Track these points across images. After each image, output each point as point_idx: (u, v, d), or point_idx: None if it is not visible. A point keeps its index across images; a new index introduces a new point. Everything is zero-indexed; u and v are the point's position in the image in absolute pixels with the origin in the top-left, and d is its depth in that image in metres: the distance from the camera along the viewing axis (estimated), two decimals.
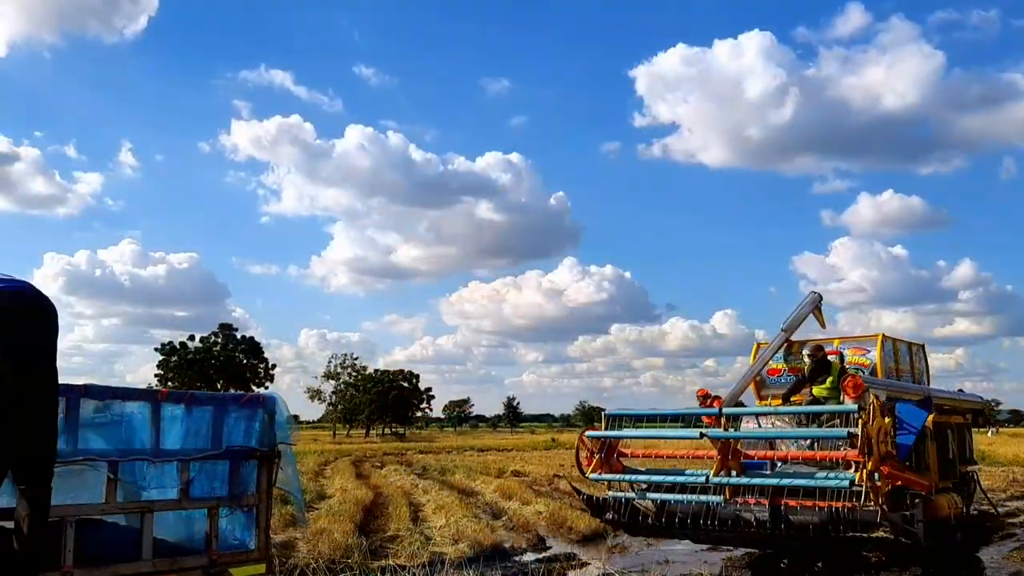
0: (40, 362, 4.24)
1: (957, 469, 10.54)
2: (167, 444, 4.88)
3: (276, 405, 5.42)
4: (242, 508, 5.18)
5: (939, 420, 10.12)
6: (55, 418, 4.24)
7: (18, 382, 4.09)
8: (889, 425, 8.45)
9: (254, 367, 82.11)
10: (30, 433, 4.09)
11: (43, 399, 4.19)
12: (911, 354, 11.88)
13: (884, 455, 8.23)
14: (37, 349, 4.25)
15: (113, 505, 4.56)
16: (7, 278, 4.36)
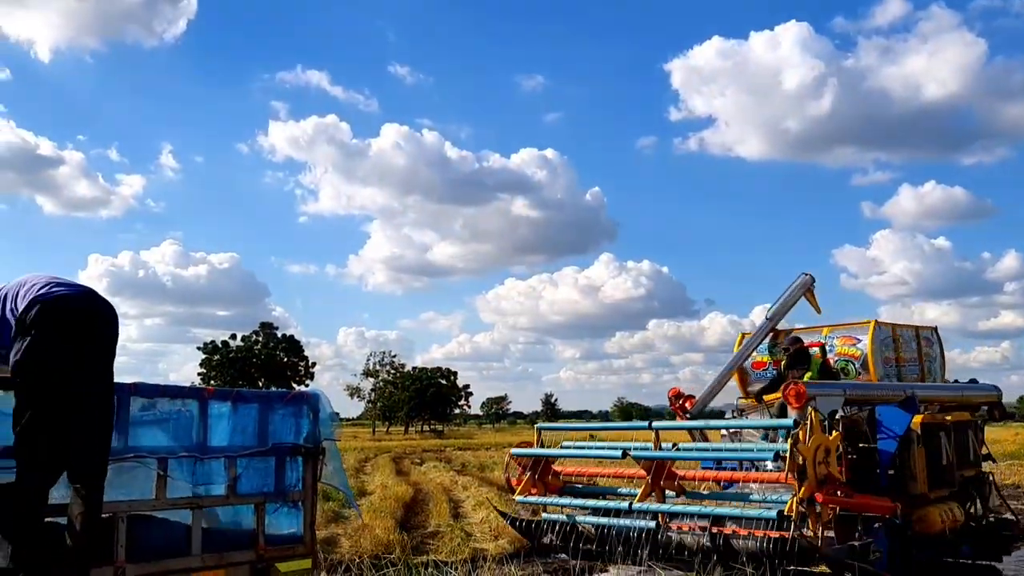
0: (101, 365, 4.33)
1: (955, 475, 9.13)
2: (214, 441, 4.95)
3: (320, 402, 5.50)
4: (288, 504, 5.26)
5: (930, 421, 8.96)
6: (112, 419, 4.33)
7: (82, 384, 4.19)
8: (835, 441, 7.58)
9: (294, 365, 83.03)
10: (89, 434, 4.19)
11: (103, 401, 4.29)
12: (918, 340, 10.81)
13: (823, 478, 7.36)
14: (101, 352, 4.35)
15: (163, 501, 4.65)
16: (68, 282, 4.46)
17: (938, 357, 10.95)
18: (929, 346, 10.91)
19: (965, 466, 9.36)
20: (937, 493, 8.75)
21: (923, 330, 10.98)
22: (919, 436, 8.55)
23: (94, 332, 4.32)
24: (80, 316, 4.27)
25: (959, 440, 9.25)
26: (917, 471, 8.47)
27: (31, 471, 3.99)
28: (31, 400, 4.02)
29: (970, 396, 10.62)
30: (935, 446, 8.82)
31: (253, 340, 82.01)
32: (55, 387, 4.08)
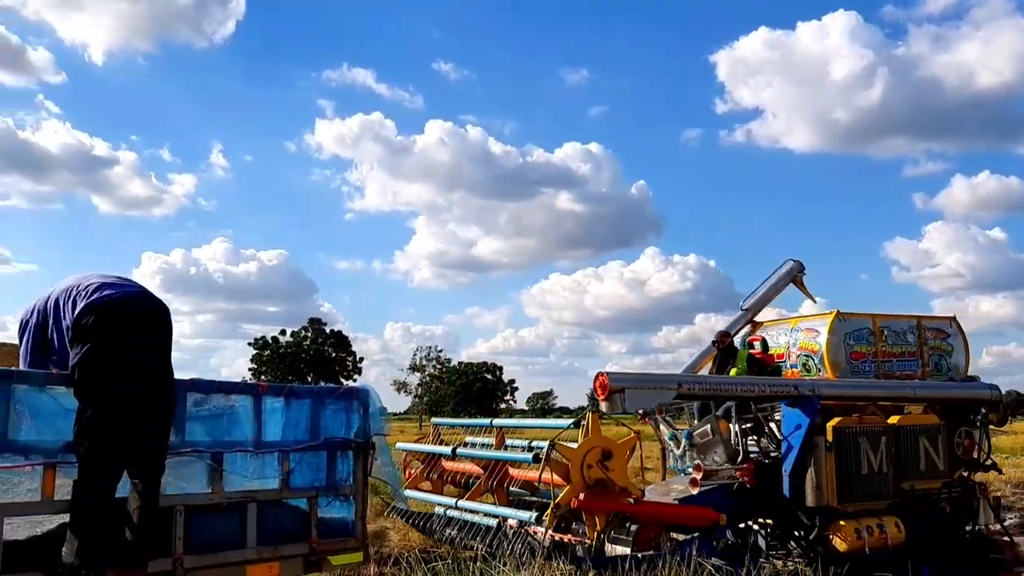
0: (157, 363, 4.43)
1: (892, 486, 7.98)
2: (268, 436, 5.04)
3: (370, 397, 5.57)
4: (340, 497, 5.33)
5: (850, 425, 7.95)
6: (170, 415, 4.44)
7: (139, 384, 4.30)
8: (625, 445, 7.17)
9: (342, 360, 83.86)
10: (147, 431, 4.30)
11: (160, 398, 4.40)
12: (920, 332, 9.61)
13: (596, 482, 6.94)
14: (155, 351, 4.45)
15: (219, 494, 4.74)
16: (119, 282, 4.57)
17: (956, 351, 9.76)
18: (942, 339, 9.79)
19: (915, 476, 8.17)
20: (859, 506, 7.79)
21: (933, 320, 9.85)
22: (828, 442, 7.69)
23: (147, 332, 4.42)
24: (133, 318, 4.36)
25: (907, 446, 8.14)
26: (825, 481, 7.62)
27: (94, 469, 4.10)
28: (92, 401, 4.13)
29: (950, 395, 9.03)
30: (852, 453, 7.82)
31: (302, 336, 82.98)
32: (113, 389, 4.18)
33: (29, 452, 4.12)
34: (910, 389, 8.86)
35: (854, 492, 7.81)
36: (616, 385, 6.90)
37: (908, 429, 8.24)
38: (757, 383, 7.93)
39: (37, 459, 4.13)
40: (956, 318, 9.97)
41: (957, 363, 9.76)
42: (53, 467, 4.14)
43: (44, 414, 4.20)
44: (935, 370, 9.59)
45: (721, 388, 7.81)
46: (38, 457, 4.13)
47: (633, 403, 6.96)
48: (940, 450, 8.32)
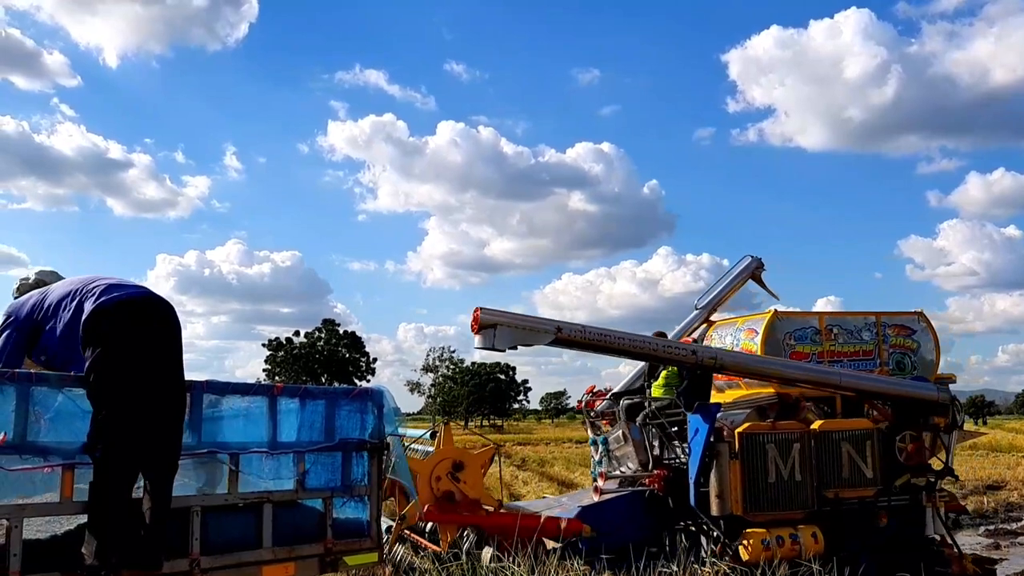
0: (168, 365, 4.47)
1: (808, 494, 7.61)
2: (283, 437, 5.06)
3: (384, 398, 5.60)
4: (355, 498, 5.35)
5: (757, 431, 7.62)
6: (180, 416, 4.47)
7: (150, 386, 4.34)
8: (480, 457, 7.09)
9: (356, 361, 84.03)
10: (157, 432, 4.33)
11: (171, 399, 4.43)
12: (879, 329, 9.05)
13: (443, 494, 6.86)
14: (165, 353, 4.48)
15: (235, 495, 4.77)
16: (130, 283, 4.61)
17: (923, 348, 9.18)
18: (906, 335, 9.21)
19: (839, 484, 7.77)
20: (769, 515, 7.48)
21: (896, 316, 9.26)
22: (734, 449, 7.45)
23: (157, 333, 4.45)
24: (142, 319, 4.40)
25: (828, 453, 7.78)
26: (729, 489, 7.36)
27: (109, 470, 4.14)
28: (104, 403, 4.16)
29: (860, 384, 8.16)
30: (759, 461, 7.51)
31: (316, 337, 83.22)
32: (125, 390, 4.22)
33: (48, 454, 4.15)
34: (835, 376, 8.13)
35: (761, 501, 7.51)
36: (489, 319, 6.47)
37: (828, 435, 7.83)
38: (651, 342, 7.23)
39: (56, 460, 4.16)
40: (924, 313, 9.34)
41: (925, 361, 9.16)
42: (72, 468, 4.17)
43: (62, 416, 4.23)
44: (897, 369, 9.06)
45: (607, 340, 6.92)
46: (57, 459, 4.16)
47: (504, 341, 6.47)
48: (869, 457, 7.88)
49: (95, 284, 4.48)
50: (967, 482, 20.44)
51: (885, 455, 7.99)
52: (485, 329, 6.42)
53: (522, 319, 6.62)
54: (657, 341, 7.26)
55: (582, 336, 6.78)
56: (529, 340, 6.55)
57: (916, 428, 8.19)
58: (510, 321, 6.50)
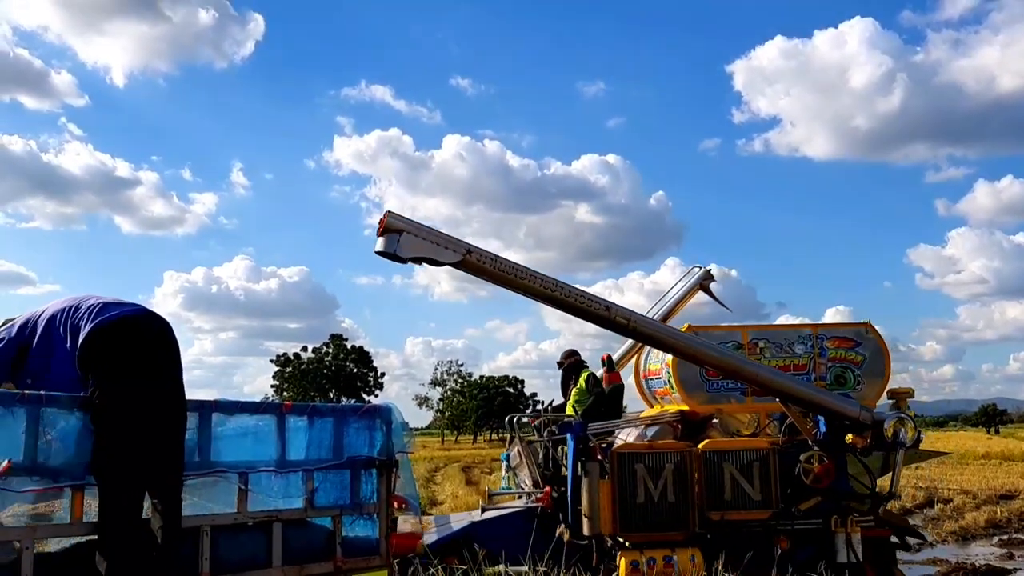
0: (168, 383, 4.48)
1: (687, 515, 7.29)
2: (292, 455, 5.08)
3: (392, 415, 5.61)
4: (364, 516, 5.36)
5: (628, 450, 7.46)
6: (182, 434, 4.48)
7: (151, 405, 4.36)
8: None
9: (364, 376, 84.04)
10: (161, 450, 4.35)
11: (172, 417, 4.45)
12: (816, 342, 8.55)
13: None
14: (164, 371, 4.50)
15: (244, 514, 4.78)
16: (127, 303, 4.62)
17: (869, 361, 8.61)
18: (848, 348, 8.68)
19: (724, 507, 7.39)
20: (642, 536, 7.22)
21: (838, 328, 8.76)
22: (605, 467, 7.24)
23: (156, 351, 4.47)
24: (141, 338, 4.41)
25: (710, 473, 7.44)
26: (598, 509, 7.15)
27: (115, 491, 4.16)
28: (106, 424, 4.18)
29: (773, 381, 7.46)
30: (629, 480, 7.27)
31: (324, 352, 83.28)
32: (126, 412, 4.23)
33: (58, 475, 4.17)
34: (752, 367, 7.54)
35: (631, 522, 7.29)
36: (396, 224, 5.90)
37: (711, 455, 7.51)
38: (564, 287, 6.60)
39: (66, 482, 4.18)
40: (872, 324, 8.80)
41: (871, 375, 8.59)
42: (82, 489, 4.19)
43: (72, 436, 4.25)
44: (835, 383, 8.53)
45: (516, 275, 6.39)
46: (67, 480, 4.18)
47: (408, 249, 5.92)
48: (757, 478, 7.47)
49: (90, 304, 4.47)
50: (980, 491, 20.32)
51: (787, 477, 7.58)
52: (390, 233, 5.88)
53: (433, 232, 6.07)
54: (570, 287, 6.60)
55: (492, 265, 6.27)
56: (434, 255, 6.01)
57: (829, 447, 7.72)
58: (419, 231, 5.97)
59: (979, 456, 37.56)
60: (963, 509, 16.98)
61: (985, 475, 25.46)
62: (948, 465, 32.33)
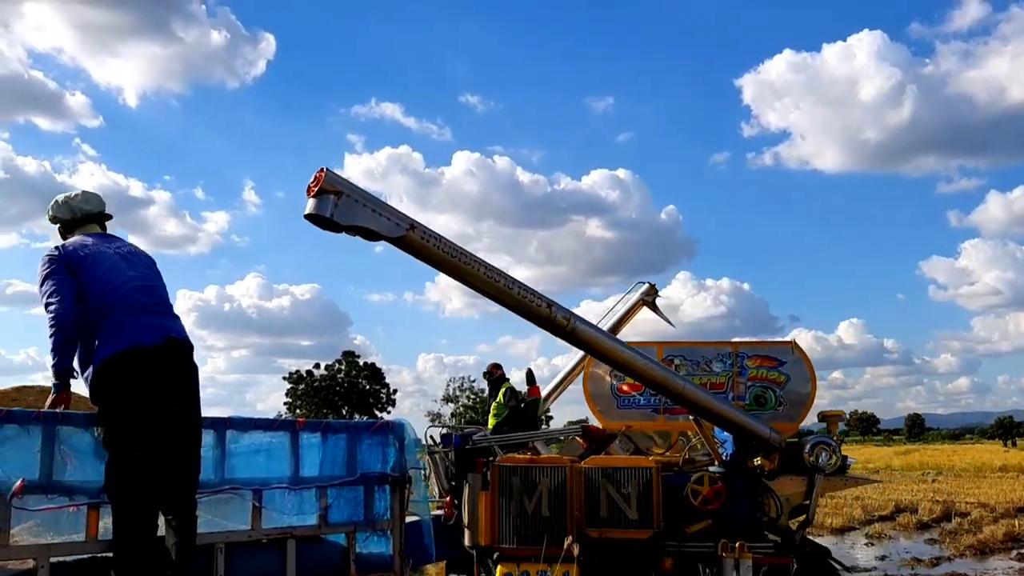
0: (184, 402, 4.50)
1: (562, 531, 7.17)
2: (305, 472, 5.09)
3: (405, 431, 5.63)
4: (378, 532, 5.36)
5: (508, 463, 7.36)
6: (198, 451, 4.49)
7: (176, 420, 4.38)
8: None
9: (376, 392, 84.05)
10: (176, 467, 4.36)
11: (194, 436, 4.47)
12: (736, 360, 8.31)
13: None
14: (191, 389, 4.52)
15: (258, 531, 4.79)
16: (153, 305, 4.62)
17: (793, 381, 8.26)
18: (771, 367, 8.39)
19: (600, 524, 7.26)
20: (516, 550, 7.09)
21: (761, 346, 8.54)
22: (485, 479, 7.16)
23: (179, 374, 4.48)
24: (157, 374, 4.37)
25: (589, 490, 7.34)
26: (478, 519, 7.12)
27: (127, 509, 4.17)
28: (126, 439, 4.20)
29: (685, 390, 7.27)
30: (505, 492, 7.21)
31: (336, 369, 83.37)
32: (150, 426, 4.25)
33: (74, 493, 4.19)
34: (679, 382, 7.28)
35: (507, 535, 7.23)
36: (333, 185, 5.16)
37: (591, 471, 7.41)
38: (506, 278, 6.27)
39: (81, 500, 4.20)
40: (796, 342, 8.49)
41: (795, 395, 8.24)
42: (97, 507, 4.21)
43: (88, 454, 4.28)
44: (755, 404, 8.25)
45: (459, 259, 5.93)
46: (82, 498, 4.20)
47: (345, 215, 5.25)
48: (635, 497, 7.34)
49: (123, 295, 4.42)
50: (997, 505, 20.15)
51: (676, 497, 7.44)
52: (325, 195, 5.15)
53: (375, 200, 5.45)
54: (514, 280, 6.23)
55: (436, 245, 5.72)
56: (374, 225, 5.39)
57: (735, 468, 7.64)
58: (360, 196, 5.26)
59: (996, 469, 37.28)
60: (981, 523, 16.85)
61: (1002, 488, 25.25)
62: (965, 478, 32.08)
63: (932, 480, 30.97)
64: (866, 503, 20.93)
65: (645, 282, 10.48)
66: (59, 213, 4.75)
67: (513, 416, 9.50)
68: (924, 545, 15.09)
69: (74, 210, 4.74)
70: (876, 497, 22.95)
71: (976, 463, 41.21)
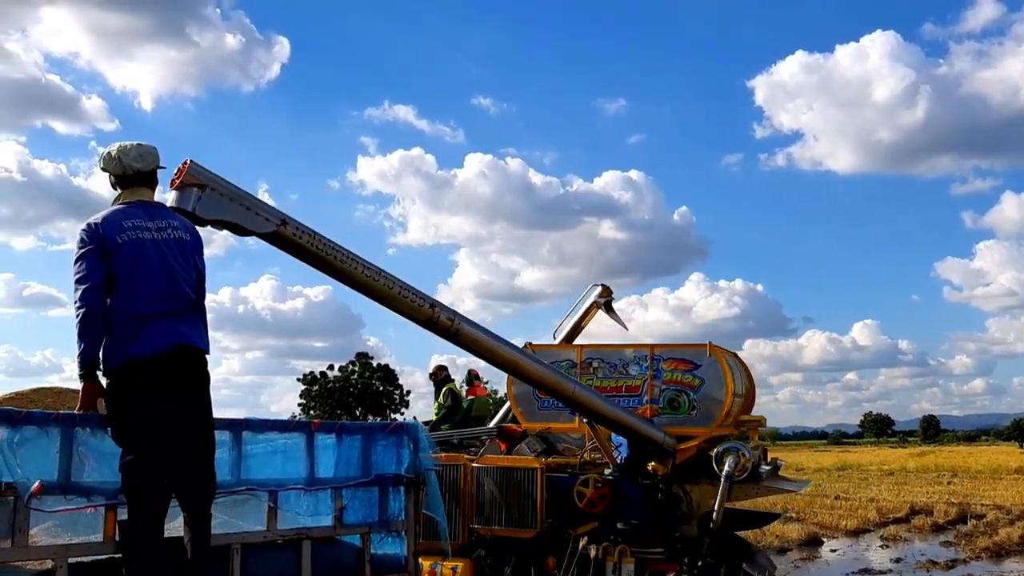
0: (196, 402, 4.52)
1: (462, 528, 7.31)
2: (321, 473, 5.10)
3: (419, 432, 5.64)
4: (392, 533, 5.38)
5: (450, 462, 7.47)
6: (213, 452, 4.51)
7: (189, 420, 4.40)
8: None
9: (390, 394, 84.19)
10: (190, 467, 4.39)
11: (206, 436, 4.49)
12: (652, 363, 8.07)
13: None
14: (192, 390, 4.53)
15: (274, 532, 4.81)
16: (170, 300, 4.61)
17: (708, 384, 7.98)
18: (686, 370, 8.10)
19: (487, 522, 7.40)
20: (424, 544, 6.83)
21: (678, 349, 8.27)
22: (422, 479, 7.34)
23: (177, 378, 4.49)
24: (169, 379, 4.36)
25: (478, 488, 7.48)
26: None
27: (137, 509, 4.20)
28: (132, 444, 4.22)
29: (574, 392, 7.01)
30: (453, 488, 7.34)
31: (350, 370, 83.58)
32: (155, 431, 4.26)
33: (91, 494, 4.22)
34: (570, 384, 7.12)
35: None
36: (195, 178, 4.72)
37: (480, 470, 7.51)
38: (386, 276, 5.85)
39: (99, 500, 4.23)
40: (713, 344, 8.21)
41: (709, 399, 7.98)
42: (114, 508, 4.24)
43: (105, 456, 4.30)
44: (668, 407, 8.05)
45: (335, 256, 5.51)
46: (100, 499, 4.22)
47: (210, 209, 4.84)
48: (519, 496, 7.38)
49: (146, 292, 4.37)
50: (1013, 507, 19.99)
51: (566, 499, 7.48)
52: (188, 188, 4.79)
53: (243, 194, 5.07)
54: (395, 279, 5.89)
55: (310, 242, 5.37)
56: (241, 220, 5.03)
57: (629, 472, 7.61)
58: (226, 189, 4.92)
59: (1012, 471, 37.00)
60: (997, 525, 16.76)
61: (1019, 490, 25.08)
62: (981, 480, 31.89)
63: (947, 482, 30.77)
64: (881, 505, 20.84)
65: (599, 284, 10.28)
66: (109, 167, 4.59)
67: (450, 416, 9.68)
68: (939, 547, 15.01)
69: (126, 167, 4.57)
70: (891, 499, 22.83)
71: (992, 465, 40.94)
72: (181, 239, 4.66)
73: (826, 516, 18.60)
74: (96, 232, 4.35)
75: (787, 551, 14.33)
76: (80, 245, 4.35)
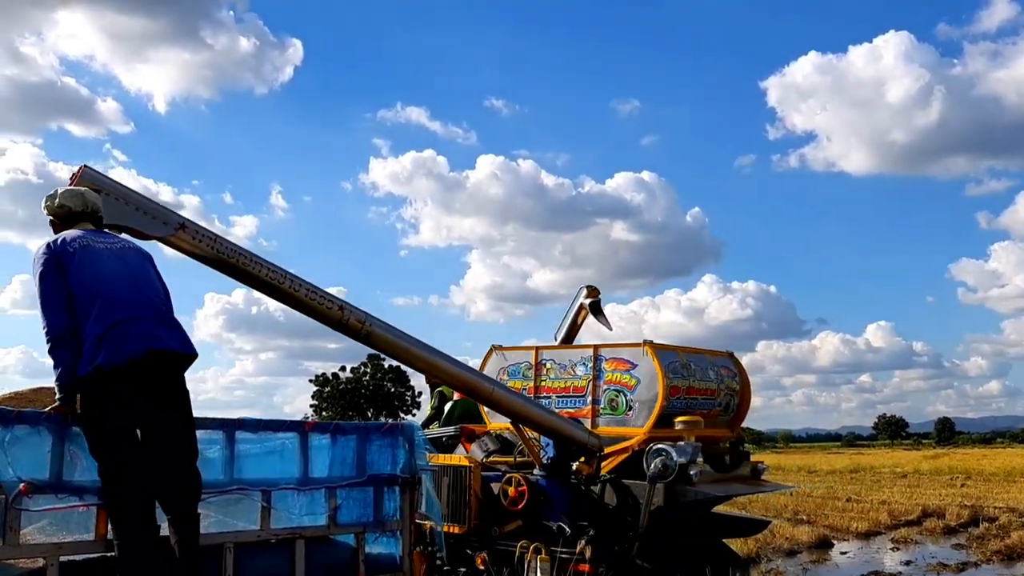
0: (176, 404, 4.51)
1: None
2: (315, 472, 5.10)
3: (415, 432, 5.64)
4: (387, 533, 5.37)
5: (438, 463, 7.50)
6: (193, 450, 4.50)
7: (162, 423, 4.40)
8: None
9: (401, 395, 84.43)
10: (172, 466, 4.39)
11: (186, 437, 4.49)
12: (596, 363, 7.99)
13: None
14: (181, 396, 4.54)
15: (267, 532, 4.81)
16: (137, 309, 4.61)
17: (641, 384, 7.84)
18: (624, 370, 7.97)
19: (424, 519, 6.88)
20: None
21: (619, 348, 8.10)
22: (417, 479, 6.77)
23: (171, 382, 4.49)
24: (145, 383, 4.34)
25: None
26: None
27: (118, 509, 4.20)
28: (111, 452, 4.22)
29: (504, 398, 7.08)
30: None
31: (361, 372, 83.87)
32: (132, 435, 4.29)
33: (83, 493, 4.24)
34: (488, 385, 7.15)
35: None
36: (92, 182, 4.75)
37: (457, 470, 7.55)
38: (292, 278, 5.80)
39: (91, 499, 4.24)
40: (650, 342, 8.01)
41: (643, 399, 7.80)
42: None
43: None
44: (608, 408, 7.95)
45: (239, 259, 5.47)
46: (92, 497, 4.24)
47: (109, 215, 4.86)
48: (448, 493, 7.51)
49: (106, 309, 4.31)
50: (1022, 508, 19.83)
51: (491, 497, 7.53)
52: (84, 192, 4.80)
53: (139, 199, 5.06)
54: (301, 281, 5.82)
55: (210, 246, 5.31)
56: (139, 224, 5.04)
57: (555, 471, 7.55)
58: (121, 195, 4.87)
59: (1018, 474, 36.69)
60: (1009, 528, 16.61)
61: None
62: (994, 482, 31.66)
63: (961, 485, 30.55)
64: (893, 508, 20.70)
65: (585, 286, 10.08)
66: (49, 211, 4.64)
67: (436, 418, 9.78)
68: (951, 550, 14.88)
69: (64, 207, 4.60)
70: (903, 501, 22.69)
71: (1006, 467, 40.59)
72: (134, 248, 4.72)
73: (837, 518, 18.48)
74: (51, 248, 4.38)
75: (797, 553, 14.24)
76: (38, 266, 4.34)
